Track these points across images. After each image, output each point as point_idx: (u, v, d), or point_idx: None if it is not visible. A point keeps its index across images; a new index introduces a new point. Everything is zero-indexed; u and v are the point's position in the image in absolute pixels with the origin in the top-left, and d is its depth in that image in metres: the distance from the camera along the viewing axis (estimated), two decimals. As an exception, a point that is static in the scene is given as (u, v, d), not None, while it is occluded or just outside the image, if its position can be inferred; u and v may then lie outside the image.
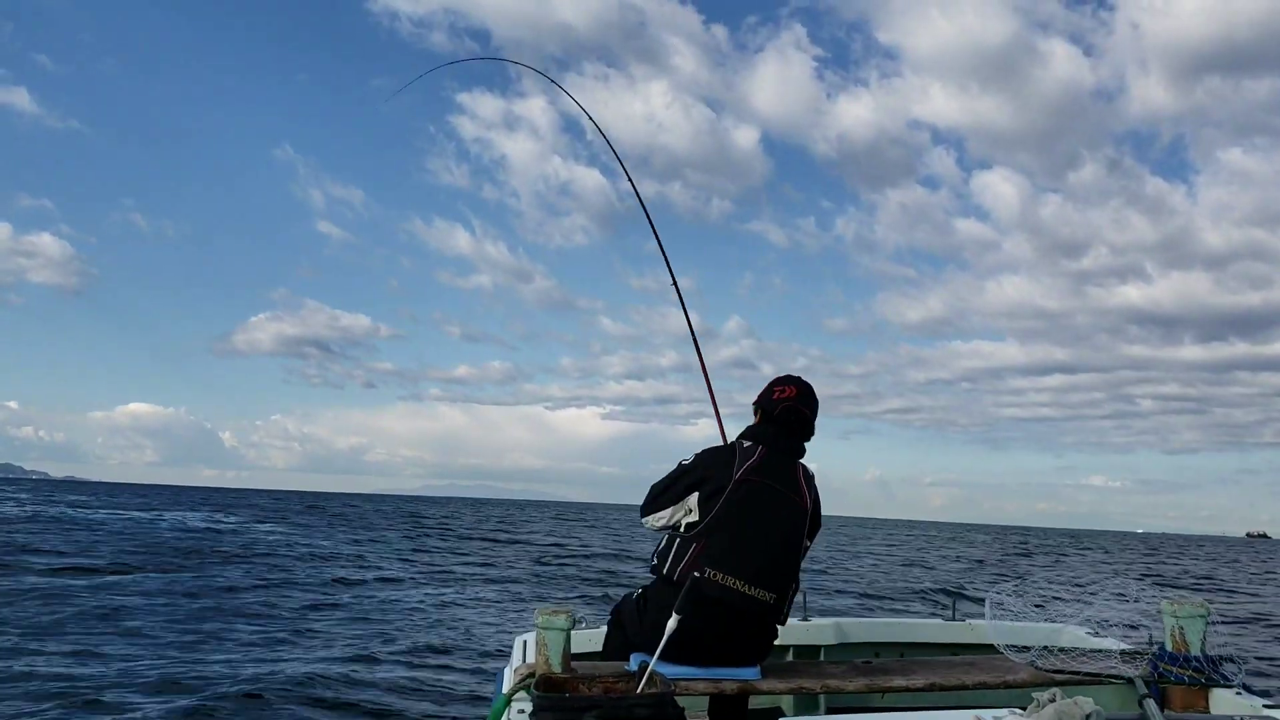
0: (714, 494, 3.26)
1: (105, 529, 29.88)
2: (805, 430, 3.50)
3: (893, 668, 3.49)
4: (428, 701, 8.23)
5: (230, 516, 43.87)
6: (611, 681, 2.83)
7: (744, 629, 3.23)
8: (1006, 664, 3.44)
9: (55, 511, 40.00)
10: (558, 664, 2.91)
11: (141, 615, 12.09)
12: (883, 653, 4.58)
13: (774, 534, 3.28)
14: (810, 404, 3.52)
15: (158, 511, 46.70)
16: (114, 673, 8.63)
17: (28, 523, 31.11)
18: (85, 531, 27.96)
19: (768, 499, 3.29)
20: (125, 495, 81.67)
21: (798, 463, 3.45)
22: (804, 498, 3.38)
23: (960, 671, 3.38)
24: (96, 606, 12.52)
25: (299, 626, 12.07)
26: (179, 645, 10.24)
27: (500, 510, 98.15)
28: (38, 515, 36.38)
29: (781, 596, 3.29)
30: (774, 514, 3.29)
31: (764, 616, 3.26)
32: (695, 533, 3.25)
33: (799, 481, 3.39)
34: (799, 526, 3.35)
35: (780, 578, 3.28)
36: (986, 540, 57.72)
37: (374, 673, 9.31)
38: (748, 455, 3.33)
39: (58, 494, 78.44)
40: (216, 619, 12.19)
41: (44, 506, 45.49)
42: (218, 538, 27.91)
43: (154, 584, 15.53)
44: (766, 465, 3.33)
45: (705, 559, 3.19)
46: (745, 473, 3.28)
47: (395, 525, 43.96)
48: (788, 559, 3.32)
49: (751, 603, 3.20)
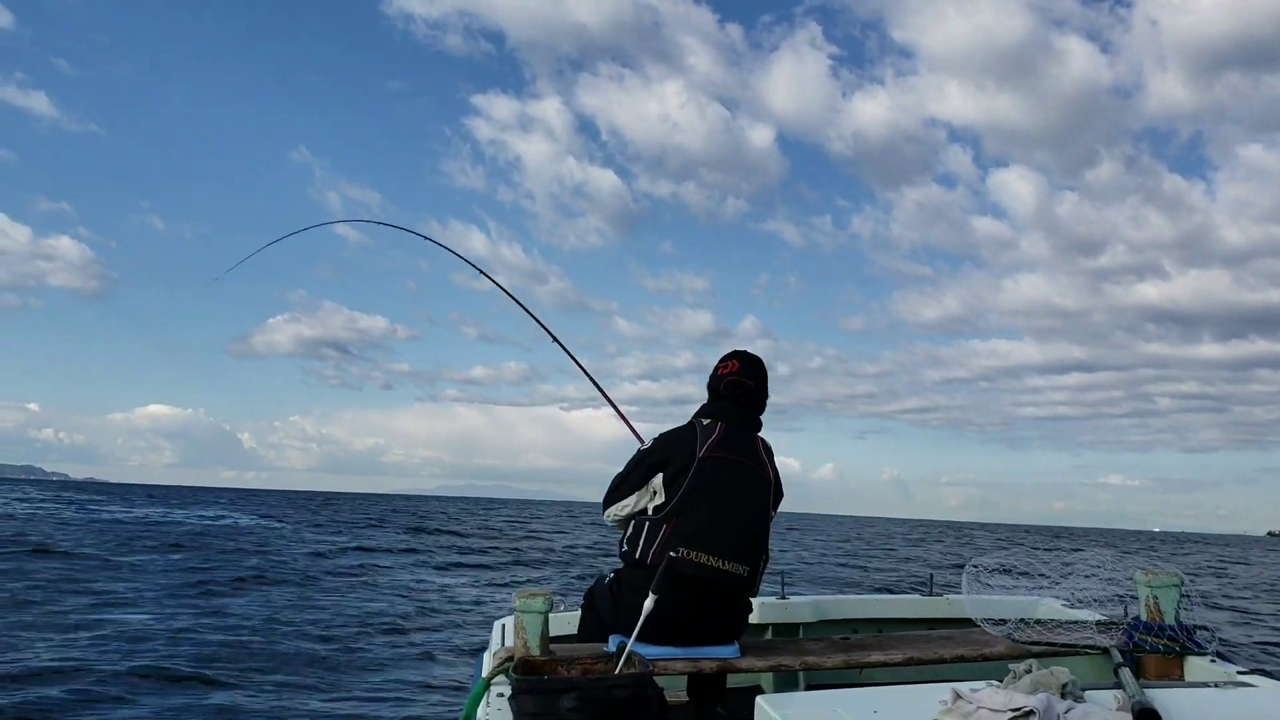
0: (679, 473, 3.25)
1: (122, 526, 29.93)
2: (755, 402, 3.49)
3: (871, 643, 3.51)
4: (408, 686, 8.22)
5: (240, 514, 43.68)
6: (590, 663, 2.82)
7: (719, 605, 3.23)
8: (984, 637, 3.46)
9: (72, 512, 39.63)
10: (536, 646, 2.90)
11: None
12: (861, 629, 4.60)
13: (743, 508, 3.29)
14: (755, 375, 3.50)
15: (169, 509, 46.58)
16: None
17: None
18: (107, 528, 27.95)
19: (733, 473, 3.29)
20: (140, 495, 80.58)
21: (756, 436, 3.46)
22: (766, 469, 3.39)
23: (938, 645, 3.40)
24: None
25: (284, 606, 12.06)
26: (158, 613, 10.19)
27: (511, 509, 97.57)
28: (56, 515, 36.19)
29: (754, 569, 3.31)
30: (741, 488, 3.30)
31: (738, 590, 3.27)
32: (664, 513, 3.23)
33: (759, 453, 3.40)
34: (765, 498, 3.36)
35: (752, 551, 3.29)
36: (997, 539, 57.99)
37: (354, 656, 9.29)
38: (709, 432, 3.33)
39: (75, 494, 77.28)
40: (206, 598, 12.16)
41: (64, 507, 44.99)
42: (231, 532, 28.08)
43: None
44: (728, 439, 3.33)
45: (677, 538, 3.19)
46: (708, 449, 3.28)
47: (401, 520, 43.87)
48: (758, 531, 3.33)
49: (726, 578, 3.20)
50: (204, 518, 38.63)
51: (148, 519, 36.26)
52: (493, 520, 52.54)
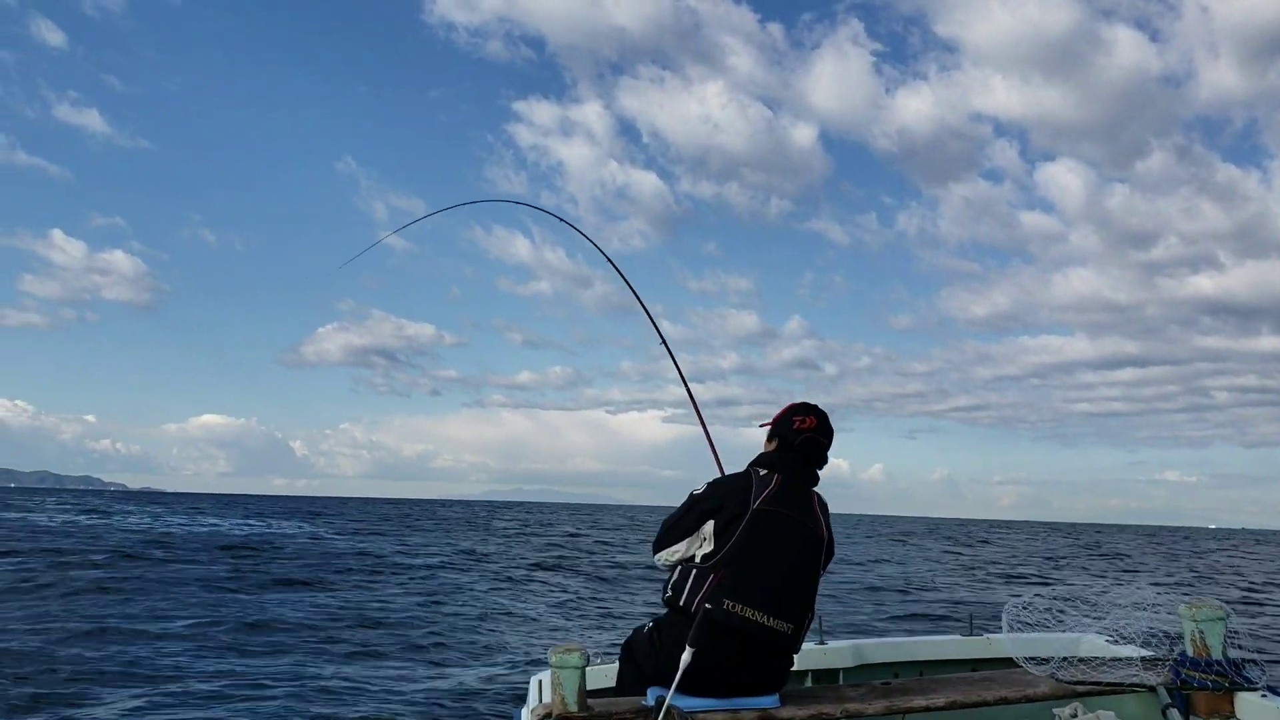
0: (730, 523, 3.20)
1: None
2: (822, 460, 3.46)
3: (912, 687, 3.46)
4: None
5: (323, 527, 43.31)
6: (629, 718, 2.80)
7: (762, 659, 3.18)
8: (1026, 677, 3.40)
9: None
10: (573, 703, 2.88)
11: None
12: (902, 672, 4.53)
13: (793, 564, 3.23)
14: (828, 434, 3.47)
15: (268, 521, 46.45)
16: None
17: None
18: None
19: (786, 529, 3.23)
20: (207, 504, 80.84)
21: (813, 491, 3.41)
22: (820, 526, 3.33)
23: (980, 688, 3.35)
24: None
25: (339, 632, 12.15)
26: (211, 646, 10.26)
27: (565, 515, 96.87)
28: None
29: (799, 627, 3.24)
30: (792, 544, 3.24)
31: (781, 647, 3.21)
32: (712, 563, 3.17)
33: (815, 510, 3.34)
34: (816, 556, 3.30)
35: (798, 608, 3.23)
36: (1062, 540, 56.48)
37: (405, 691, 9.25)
38: (764, 484, 3.27)
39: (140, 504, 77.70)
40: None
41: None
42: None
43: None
44: (784, 494, 3.27)
45: (724, 590, 3.12)
46: (763, 502, 3.22)
47: (461, 529, 43.41)
48: (806, 589, 3.26)
49: (770, 634, 3.14)
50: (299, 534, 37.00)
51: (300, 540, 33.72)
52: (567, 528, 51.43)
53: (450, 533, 40.50)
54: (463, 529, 47.18)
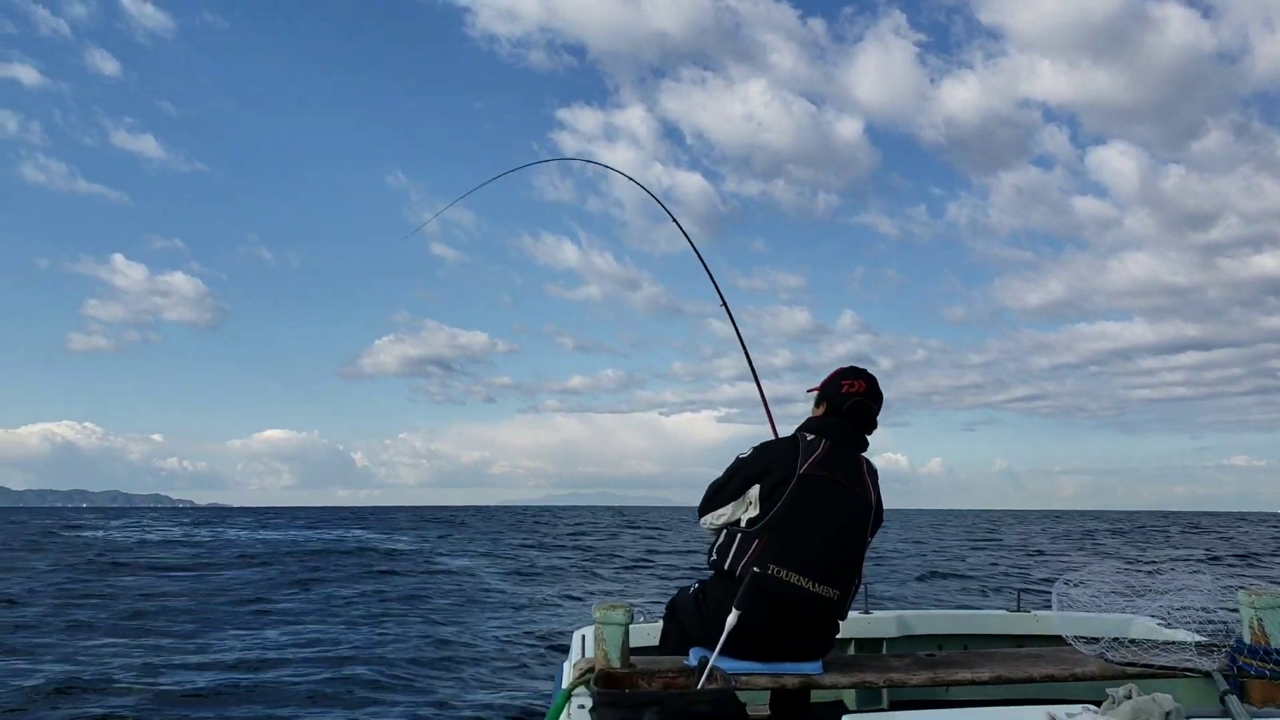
0: (777, 487, 3.17)
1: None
2: (870, 424, 3.42)
3: (957, 660, 3.42)
4: (486, 692, 8.30)
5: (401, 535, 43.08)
6: (671, 677, 2.81)
7: (806, 625, 3.16)
8: (1075, 656, 3.35)
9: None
10: (616, 659, 2.90)
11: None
12: (946, 645, 4.50)
13: (839, 529, 3.19)
14: (878, 398, 3.42)
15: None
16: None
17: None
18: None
19: (833, 493, 3.20)
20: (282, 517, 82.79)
21: (861, 456, 3.36)
22: (869, 491, 3.28)
23: (1027, 664, 3.30)
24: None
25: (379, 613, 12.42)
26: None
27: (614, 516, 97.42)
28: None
29: (845, 593, 3.21)
30: (839, 509, 3.20)
31: (827, 613, 3.19)
32: (758, 527, 3.15)
33: (863, 475, 3.29)
34: (864, 521, 3.26)
35: (844, 574, 3.20)
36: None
37: (433, 665, 9.42)
38: (811, 449, 3.23)
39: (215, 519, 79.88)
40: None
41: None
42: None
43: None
44: (831, 459, 3.23)
45: (768, 554, 3.10)
46: (810, 466, 3.19)
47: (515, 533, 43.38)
48: (852, 555, 3.23)
49: (815, 599, 3.12)
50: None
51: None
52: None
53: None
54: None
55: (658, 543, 34.33)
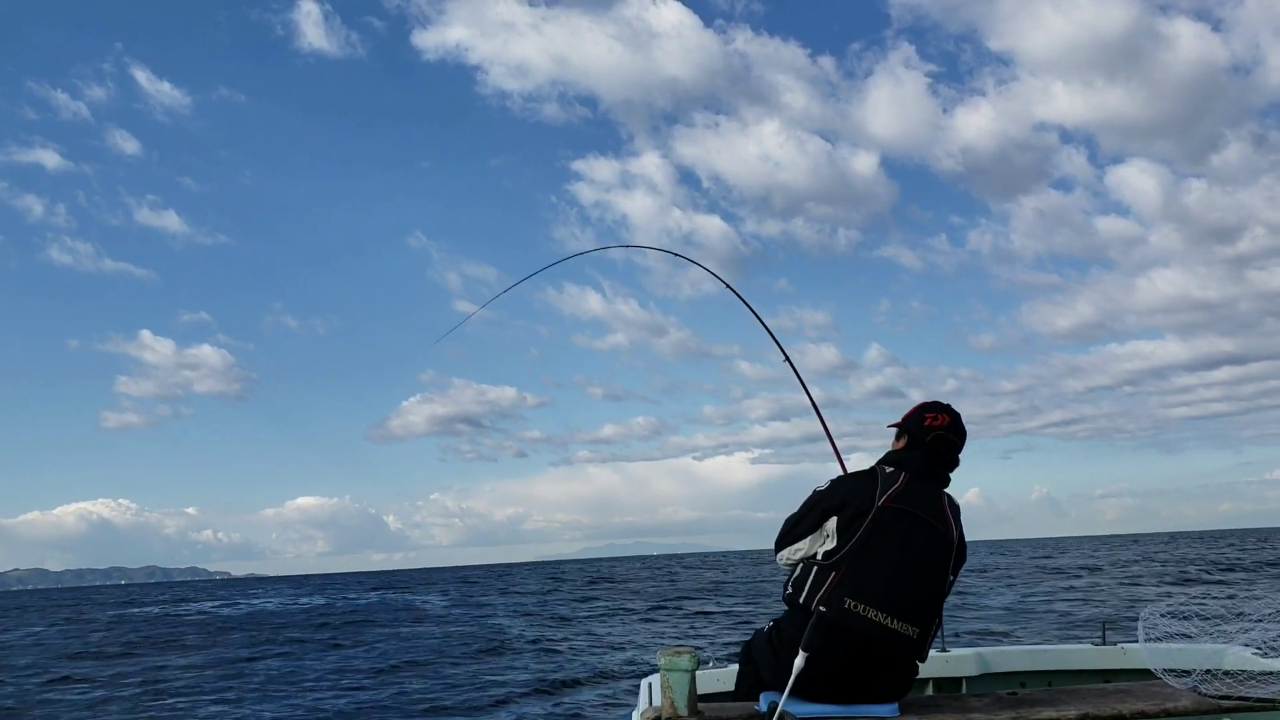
0: (854, 519, 3.10)
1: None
2: (953, 460, 3.34)
3: (1041, 698, 3.30)
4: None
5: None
6: None
7: (884, 665, 3.06)
8: (1165, 690, 3.21)
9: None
10: (683, 706, 2.85)
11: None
12: (1029, 683, 4.34)
13: (919, 565, 3.10)
14: (961, 434, 3.35)
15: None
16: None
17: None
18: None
19: (913, 528, 3.11)
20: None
21: (943, 492, 3.27)
22: (950, 528, 3.18)
23: (1115, 700, 3.16)
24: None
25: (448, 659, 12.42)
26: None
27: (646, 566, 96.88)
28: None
29: (925, 632, 3.12)
30: (920, 544, 3.11)
31: (905, 652, 3.09)
32: (835, 560, 3.07)
33: (945, 512, 3.20)
34: (945, 558, 3.16)
35: (925, 612, 3.10)
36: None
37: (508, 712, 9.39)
38: (890, 481, 3.16)
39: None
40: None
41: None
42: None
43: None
44: (911, 493, 3.15)
45: (846, 588, 3.03)
46: (889, 499, 3.11)
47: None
48: (933, 592, 3.13)
49: (894, 637, 3.03)
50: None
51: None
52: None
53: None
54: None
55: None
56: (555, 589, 34.67)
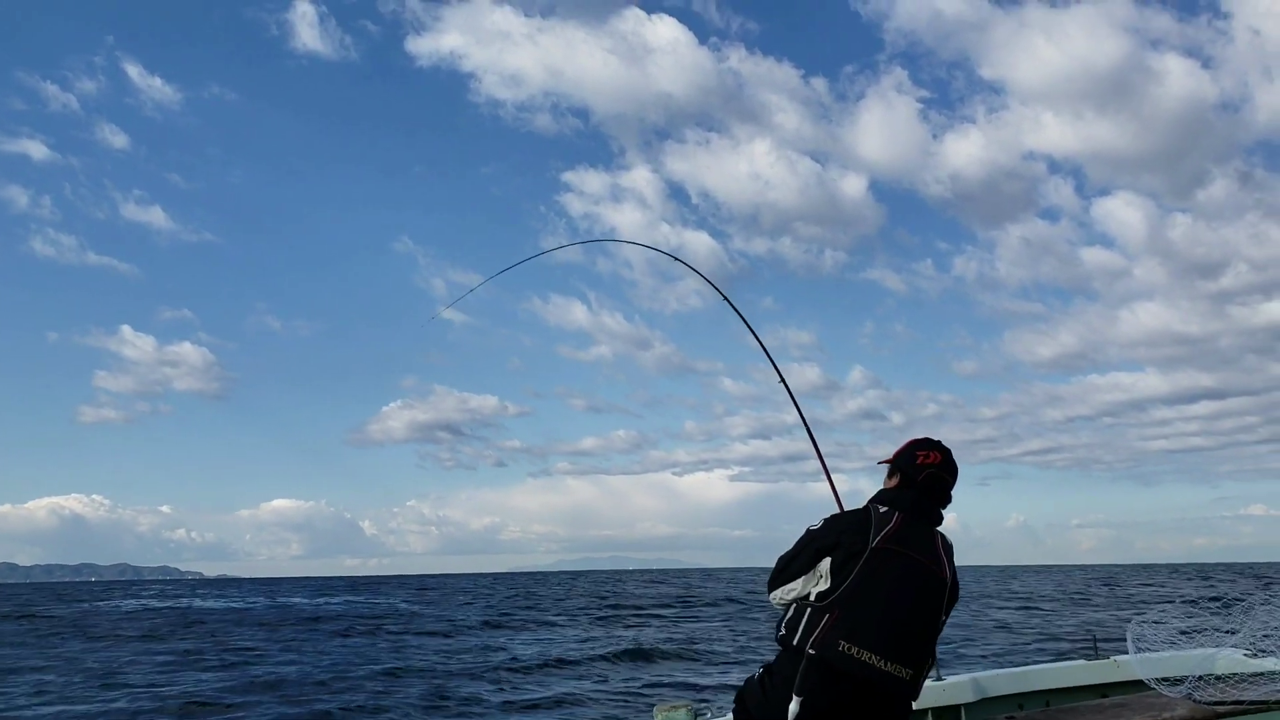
0: (848, 561, 3.07)
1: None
2: (945, 498, 3.32)
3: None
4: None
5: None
6: None
7: (879, 707, 3.03)
8: (1160, 701, 3.23)
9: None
10: None
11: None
12: (1027, 704, 4.33)
13: (913, 607, 3.08)
14: (953, 471, 3.34)
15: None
16: None
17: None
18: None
19: (906, 570, 3.09)
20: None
21: (936, 531, 3.26)
22: (944, 569, 3.17)
23: (1112, 715, 3.19)
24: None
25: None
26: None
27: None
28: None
29: (917, 673, 3.09)
30: (913, 585, 3.09)
31: (899, 693, 3.06)
32: (828, 602, 3.05)
33: (938, 552, 3.19)
34: (938, 600, 3.14)
35: (917, 653, 3.08)
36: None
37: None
38: (884, 522, 3.14)
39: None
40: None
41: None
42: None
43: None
44: (905, 533, 3.13)
45: (840, 630, 3.00)
46: (883, 540, 3.09)
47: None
48: (926, 633, 3.11)
49: (887, 680, 3.00)
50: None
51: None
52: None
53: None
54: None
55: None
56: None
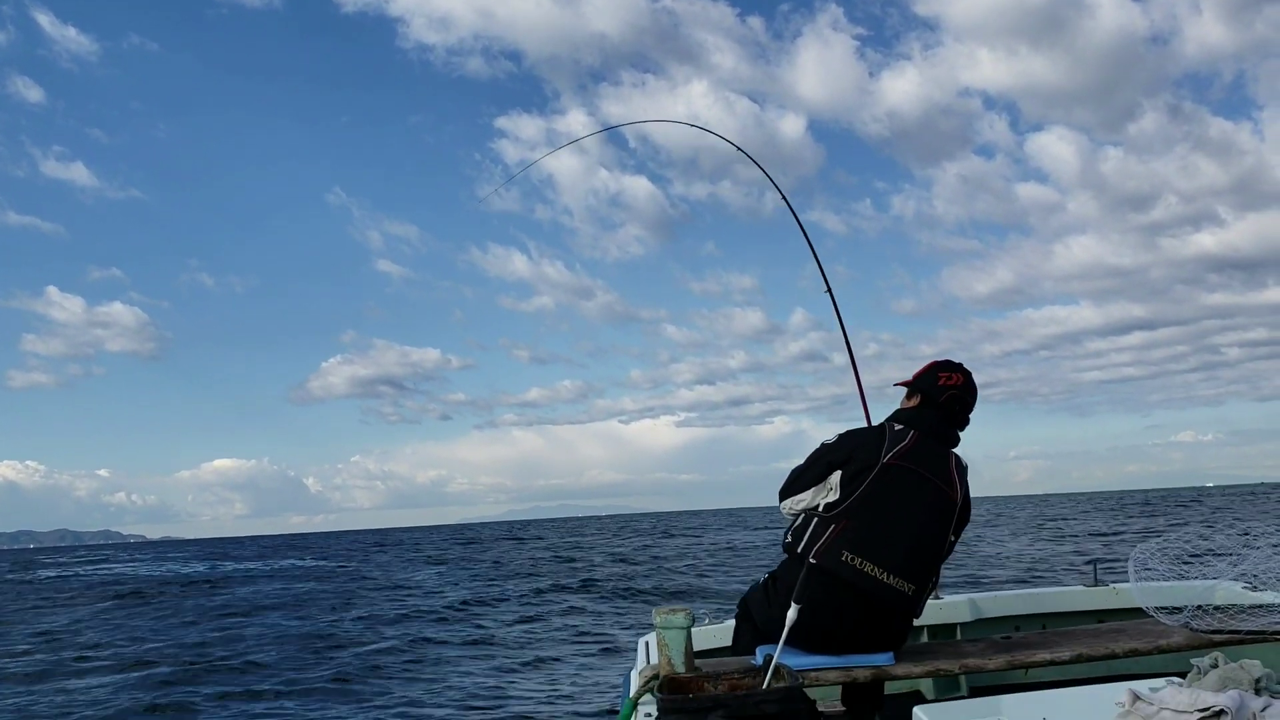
0: (858, 474, 3.10)
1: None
2: (964, 420, 3.32)
3: (1035, 641, 3.31)
4: (553, 705, 8.28)
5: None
6: (737, 678, 2.74)
7: (879, 618, 3.07)
8: (1158, 628, 3.22)
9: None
10: (680, 663, 2.84)
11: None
12: (1023, 626, 4.36)
13: (920, 523, 3.10)
14: (973, 393, 3.33)
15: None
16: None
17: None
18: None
19: (916, 486, 3.10)
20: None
21: (951, 452, 3.25)
22: (955, 489, 3.17)
23: (1108, 639, 3.18)
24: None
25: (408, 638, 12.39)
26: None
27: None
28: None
29: (920, 589, 3.12)
30: (921, 503, 3.10)
31: (901, 607, 3.09)
32: (835, 513, 3.08)
33: (951, 472, 3.18)
34: (946, 519, 3.15)
35: (921, 570, 3.10)
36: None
37: (503, 681, 9.43)
38: (898, 439, 3.15)
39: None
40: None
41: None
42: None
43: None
44: (918, 451, 3.14)
45: (844, 541, 3.04)
46: (894, 456, 3.11)
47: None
48: (931, 551, 3.13)
49: (889, 592, 3.03)
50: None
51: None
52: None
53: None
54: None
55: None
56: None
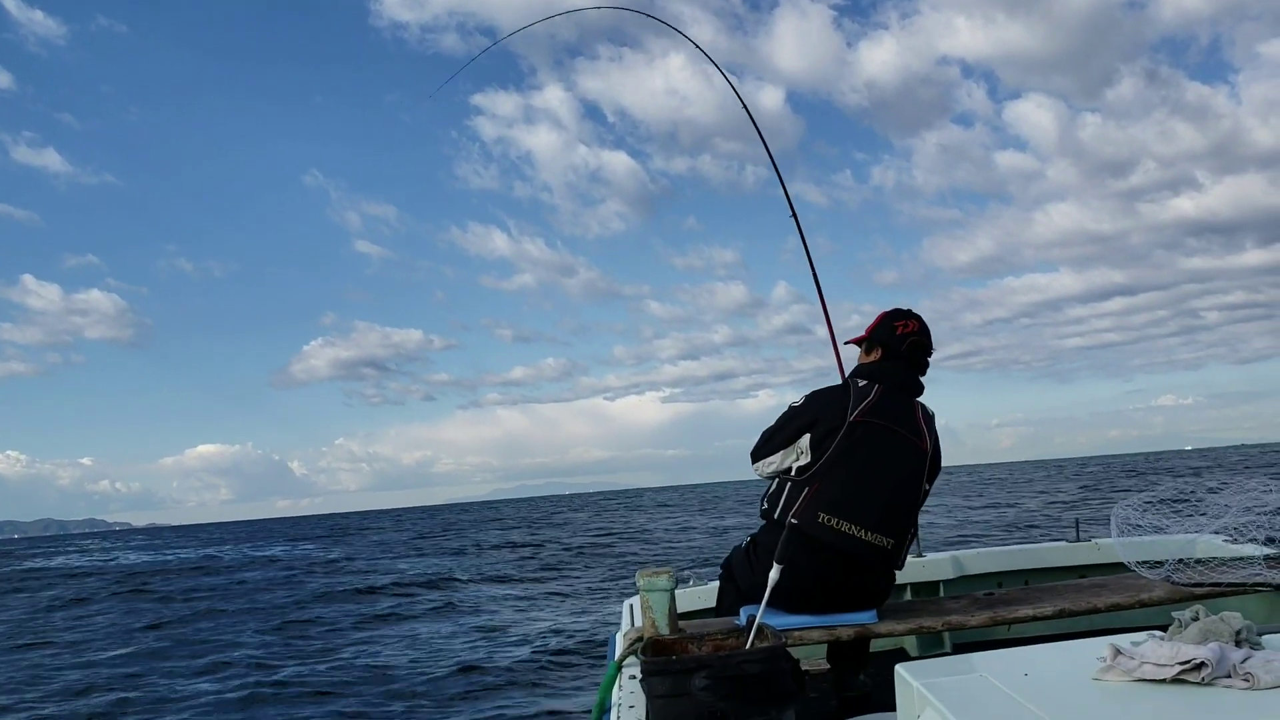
0: (827, 435, 3.10)
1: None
2: (925, 366, 3.30)
3: (1017, 597, 3.33)
4: (540, 671, 8.33)
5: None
6: (721, 639, 2.74)
7: (860, 576, 3.10)
8: (1140, 582, 3.25)
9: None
10: (664, 625, 2.84)
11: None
12: (1005, 582, 4.39)
13: (892, 478, 3.11)
14: (929, 337, 3.32)
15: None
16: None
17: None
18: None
19: (885, 441, 3.11)
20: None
21: (916, 402, 3.25)
22: (924, 439, 3.18)
23: (1090, 595, 3.20)
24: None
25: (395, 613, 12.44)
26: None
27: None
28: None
29: (899, 542, 3.14)
30: (892, 457, 3.11)
31: (880, 562, 3.11)
32: (808, 475, 3.09)
33: (918, 422, 3.19)
34: (918, 470, 3.17)
35: (898, 523, 3.12)
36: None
37: (491, 656, 9.48)
38: (863, 395, 3.14)
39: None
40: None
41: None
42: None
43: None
44: (883, 405, 3.14)
45: (819, 503, 3.05)
46: (861, 413, 3.10)
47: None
48: (906, 504, 3.15)
49: (868, 549, 3.05)
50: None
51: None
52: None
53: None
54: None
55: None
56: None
